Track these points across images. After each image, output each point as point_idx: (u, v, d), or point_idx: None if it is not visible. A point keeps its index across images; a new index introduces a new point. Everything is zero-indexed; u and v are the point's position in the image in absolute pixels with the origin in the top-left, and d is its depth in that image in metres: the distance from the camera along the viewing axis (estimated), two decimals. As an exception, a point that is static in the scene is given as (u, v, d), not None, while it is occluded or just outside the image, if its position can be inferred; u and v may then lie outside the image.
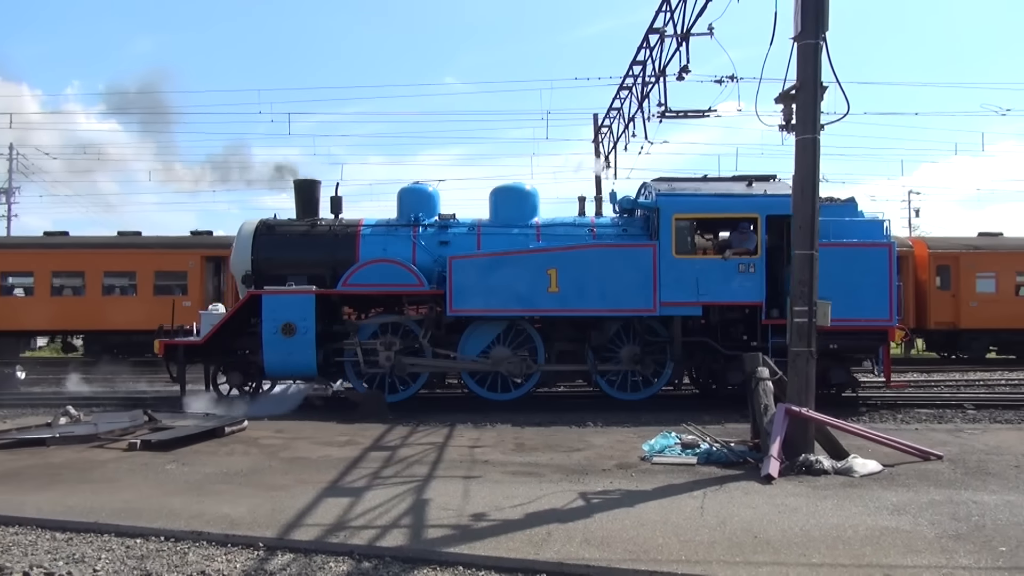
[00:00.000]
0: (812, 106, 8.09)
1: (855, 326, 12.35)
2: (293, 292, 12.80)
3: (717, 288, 12.56)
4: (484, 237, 13.37)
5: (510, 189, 14.06)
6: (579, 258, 12.61)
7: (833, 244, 12.20)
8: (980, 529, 5.58)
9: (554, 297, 12.55)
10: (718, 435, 9.23)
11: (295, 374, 13.17)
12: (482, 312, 12.78)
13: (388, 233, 13.51)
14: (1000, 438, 9.53)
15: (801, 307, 8.09)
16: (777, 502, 6.38)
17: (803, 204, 8.16)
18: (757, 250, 12.62)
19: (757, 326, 12.73)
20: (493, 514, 6.08)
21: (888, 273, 12.44)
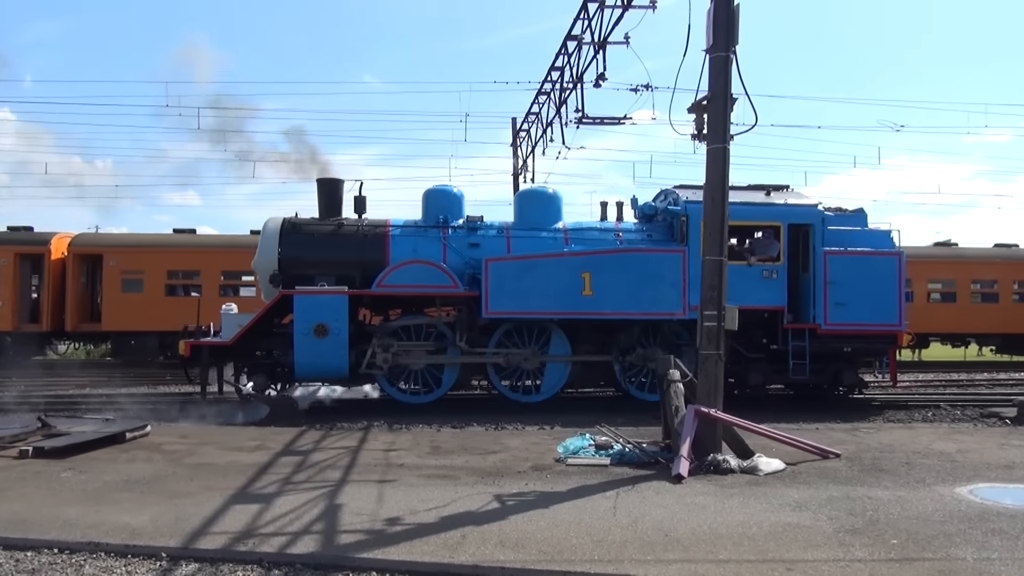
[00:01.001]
0: (722, 117, 8.36)
1: (867, 330, 13.13)
2: (326, 292, 12.61)
3: (742, 293, 12.67)
4: (513, 240, 13.48)
5: (536, 193, 14.39)
6: (612, 262, 12.90)
7: (848, 252, 13.08)
8: (874, 523, 5.87)
9: (588, 300, 12.78)
10: (631, 436, 9.40)
11: (326, 376, 12.96)
12: (517, 314, 12.89)
13: (417, 234, 13.49)
14: (893, 436, 10.07)
15: (711, 311, 8.33)
16: (687, 501, 6.55)
17: (713, 211, 8.42)
18: (779, 257, 13.18)
19: (778, 330, 13.22)
20: (408, 518, 6.02)
21: (898, 280, 13.16)
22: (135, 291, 21.79)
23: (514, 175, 28.15)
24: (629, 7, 12.27)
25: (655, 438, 9.12)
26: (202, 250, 22.65)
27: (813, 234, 13.26)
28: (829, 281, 13.02)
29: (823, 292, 13.02)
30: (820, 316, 13.05)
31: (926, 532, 5.62)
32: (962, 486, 7.08)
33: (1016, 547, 5.26)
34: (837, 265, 13.02)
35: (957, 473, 7.68)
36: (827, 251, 13.14)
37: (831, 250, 13.14)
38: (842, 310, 12.99)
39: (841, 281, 12.96)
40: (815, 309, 13.12)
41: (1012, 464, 8.16)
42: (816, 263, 13.13)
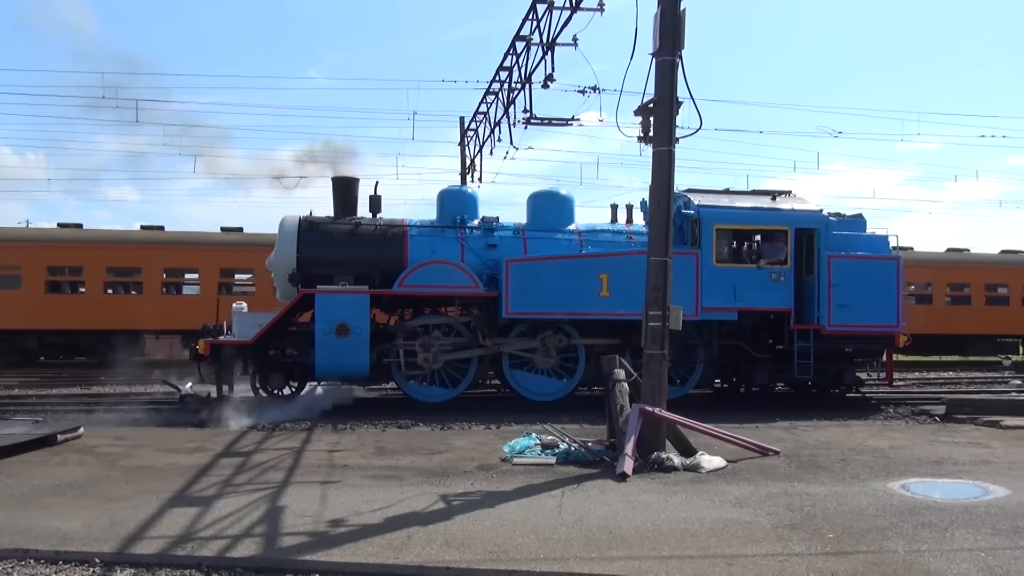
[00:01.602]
0: (668, 120, 8.48)
1: (868, 331, 13.69)
2: (348, 292, 12.61)
3: (752, 295, 13.47)
4: (530, 241, 13.68)
5: (550, 195, 14.57)
6: (629, 264, 12.99)
7: (851, 256, 13.71)
8: (811, 518, 6.03)
9: (605, 301, 13.04)
10: (576, 435, 9.47)
11: (346, 375, 12.96)
12: (537, 314, 13.09)
13: (435, 234, 13.63)
14: (829, 434, 10.36)
15: (655, 312, 8.44)
16: (631, 499, 6.63)
17: (658, 213, 8.53)
18: (787, 260, 13.66)
19: (784, 331, 13.68)
20: (352, 519, 5.96)
21: (897, 284, 13.76)
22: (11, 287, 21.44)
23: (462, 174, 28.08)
24: (577, 9, 12.34)
25: (600, 437, 9.20)
26: (86, 246, 22.05)
27: (818, 238, 13.79)
28: (833, 284, 13.50)
29: (827, 294, 13.51)
30: (824, 317, 13.52)
31: (860, 526, 5.79)
32: (894, 481, 7.32)
33: (944, 539, 5.46)
34: (840, 268, 13.58)
35: (890, 469, 7.94)
36: (831, 255, 13.63)
37: (835, 254, 13.67)
38: (845, 312, 13.50)
39: (844, 284, 13.52)
40: (819, 311, 13.59)
41: (941, 460, 8.47)
42: (821, 266, 13.64)
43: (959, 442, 9.68)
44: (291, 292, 13.16)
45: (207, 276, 22.75)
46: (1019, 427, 10.82)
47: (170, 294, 22.94)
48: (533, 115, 15.20)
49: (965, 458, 8.55)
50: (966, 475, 7.64)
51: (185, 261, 23.02)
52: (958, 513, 6.13)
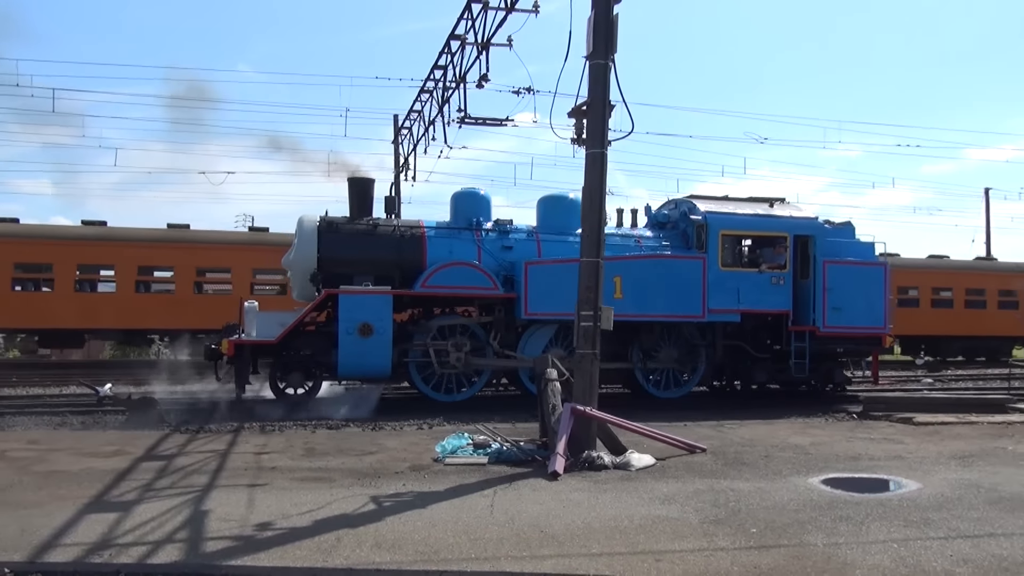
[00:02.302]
0: (601, 122, 8.59)
1: (858, 332, 14.64)
2: (371, 292, 12.74)
3: (753, 297, 14.24)
4: (543, 244, 14.07)
5: (560, 199, 14.89)
6: (641, 267, 13.72)
7: (844, 261, 14.62)
8: (736, 514, 6.19)
9: (619, 303, 13.08)
10: (509, 435, 9.50)
11: (368, 375, 13.06)
12: (554, 315, 13.29)
13: (452, 236, 13.89)
14: (754, 432, 10.66)
15: (587, 312, 8.53)
16: (562, 497, 6.68)
17: (590, 213, 8.63)
18: (786, 265, 14.46)
19: (783, 332, 14.48)
20: (280, 523, 5.83)
21: (884, 288, 14.79)
22: None
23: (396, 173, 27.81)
24: (512, 10, 12.39)
25: (532, 436, 9.25)
26: None
27: (813, 244, 14.62)
28: (827, 287, 14.36)
29: (822, 297, 14.34)
30: (819, 319, 14.32)
31: (782, 520, 5.98)
32: (814, 476, 7.58)
33: (860, 532, 5.68)
34: (834, 273, 14.50)
35: (810, 464, 8.22)
36: (826, 260, 14.49)
37: (829, 259, 14.54)
38: (838, 314, 14.37)
39: (837, 287, 14.41)
40: (815, 313, 14.37)
41: (858, 456, 8.81)
42: (816, 271, 14.46)
43: (874, 438, 10.10)
44: (309, 292, 13.26)
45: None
46: (930, 423, 11.35)
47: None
48: (467, 115, 15.19)
49: (880, 454, 8.91)
50: (881, 470, 7.97)
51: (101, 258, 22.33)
52: (873, 507, 6.39)
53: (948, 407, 12.73)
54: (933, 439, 10.02)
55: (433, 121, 17.89)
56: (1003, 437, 10.18)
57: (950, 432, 10.65)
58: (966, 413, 12.24)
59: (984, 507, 6.38)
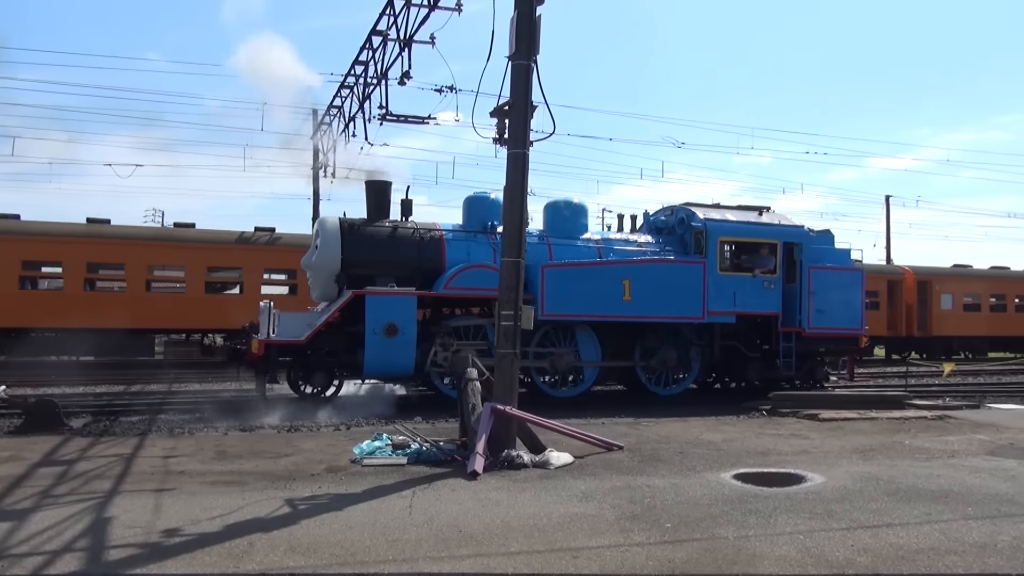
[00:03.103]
0: (523, 123, 8.63)
1: (839, 333, 15.85)
2: (397, 293, 13.08)
3: (747, 300, 15.23)
4: (554, 248, 14.67)
5: (567, 204, 15.70)
6: (647, 271, 14.55)
7: (827, 267, 15.77)
8: (651, 510, 6.32)
9: (627, 304, 14.25)
10: (428, 435, 9.43)
11: (393, 374, 13.38)
12: (570, 316, 14.10)
13: (469, 239, 14.37)
14: (668, 429, 10.91)
15: (507, 311, 8.55)
16: (481, 497, 6.68)
17: (511, 213, 8.66)
18: (776, 270, 15.55)
19: (772, 332, 15.53)
20: (189, 528, 5.63)
21: (861, 292, 16.03)
22: None
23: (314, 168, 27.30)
24: (435, 7, 12.30)
25: (453, 436, 9.22)
26: None
27: (800, 251, 15.77)
28: (812, 291, 15.50)
29: (808, 301, 15.45)
30: (805, 321, 15.44)
31: (695, 515, 6.13)
32: (726, 472, 7.81)
33: (768, 524, 5.88)
34: (818, 278, 15.69)
35: (722, 460, 8.47)
36: (811, 266, 15.63)
37: (814, 265, 15.69)
38: (821, 316, 15.52)
39: (820, 291, 15.59)
40: (801, 315, 15.46)
41: (767, 451, 9.13)
42: (802, 276, 15.59)
43: (783, 434, 10.48)
44: (330, 292, 13.55)
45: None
46: (834, 419, 11.86)
47: None
48: (389, 112, 15.00)
49: (788, 449, 9.26)
50: (788, 464, 8.27)
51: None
52: (781, 500, 6.63)
53: (851, 404, 13.33)
54: (837, 434, 10.47)
55: (354, 117, 17.59)
56: (900, 432, 10.73)
57: (852, 427, 11.16)
58: (867, 409, 12.84)
59: (883, 498, 6.70)
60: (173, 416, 11.98)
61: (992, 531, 5.72)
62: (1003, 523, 5.94)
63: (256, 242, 22.89)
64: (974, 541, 5.46)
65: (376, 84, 15.23)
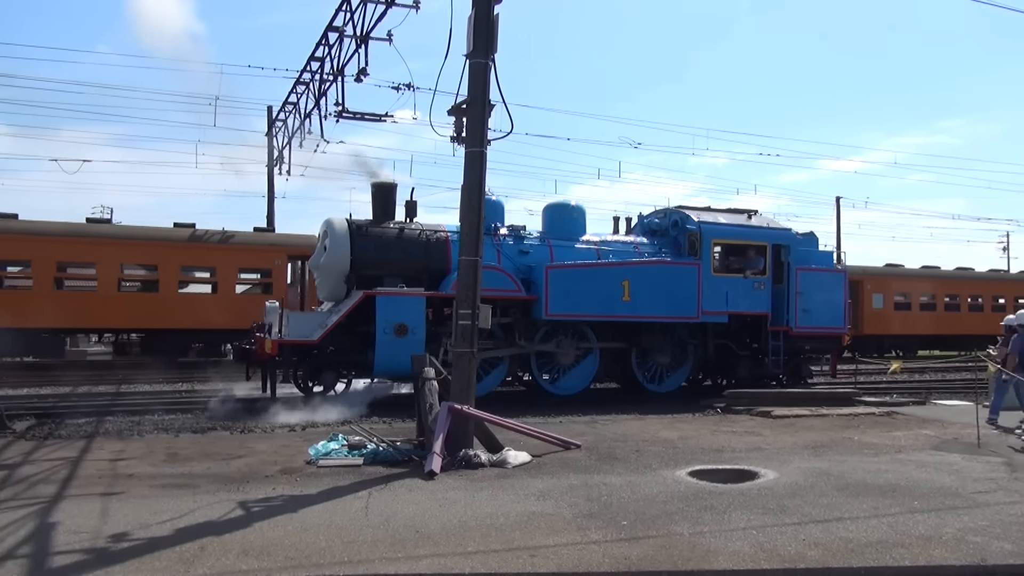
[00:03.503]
0: (480, 121, 8.61)
1: (823, 332, 16.50)
2: (406, 294, 13.25)
3: (739, 300, 15.80)
4: (555, 249, 15.01)
5: (566, 206, 16.20)
6: (645, 272, 14.97)
7: (813, 269, 16.48)
8: (608, 508, 6.36)
9: (626, 305, 14.63)
10: (385, 435, 9.36)
11: (402, 373, 13.13)
12: (573, 316, 14.44)
13: None
14: (625, 427, 10.99)
15: (465, 310, 8.52)
16: (438, 496, 6.65)
17: (469, 212, 8.63)
18: (765, 271, 16.14)
19: (761, 331, 16.07)
20: (137, 533, 5.50)
21: (844, 292, 16.80)
22: None
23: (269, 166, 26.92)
24: (392, 4, 12.22)
25: (410, 436, 9.17)
26: None
27: (788, 253, 16.39)
28: (799, 292, 16.11)
29: (795, 301, 16.05)
30: (792, 320, 16.04)
31: (651, 512, 6.19)
32: (682, 469, 7.90)
33: (723, 521, 5.97)
34: (804, 279, 16.33)
35: (678, 458, 8.57)
36: (798, 268, 16.26)
37: (800, 266, 16.33)
38: (807, 316, 16.14)
39: (806, 292, 16.23)
40: (788, 314, 16.04)
41: (721, 448, 9.26)
42: (790, 277, 16.19)
43: (736, 431, 10.64)
44: (338, 293, 13.70)
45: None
46: (786, 416, 12.09)
47: None
48: (345, 109, 14.87)
49: (741, 446, 9.40)
50: (742, 461, 8.40)
51: None
52: (734, 496, 6.73)
53: (803, 401, 13.59)
54: (789, 431, 10.67)
55: (309, 114, 17.39)
56: (850, 428, 10.98)
57: (804, 424, 11.38)
58: (818, 406, 13.11)
59: (833, 493, 6.85)
60: (122, 418, 11.70)
61: (937, 523, 5.88)
62: (947, 516, 6.11)
63: (176, 239, 21.96)
64: (920, 534, 5.61)
65: (332, 81, 15.08)
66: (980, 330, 29.54)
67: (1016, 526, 5.83)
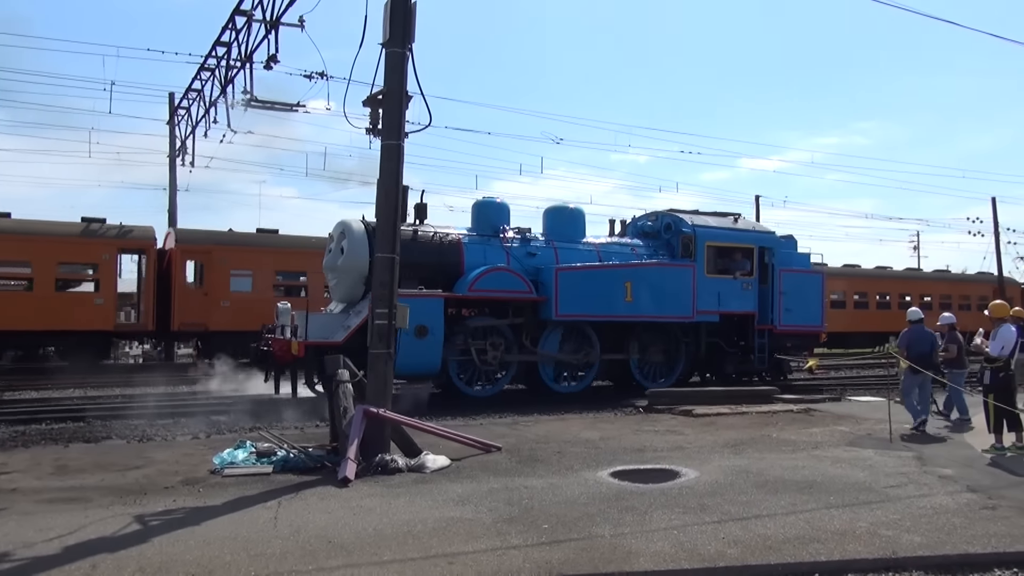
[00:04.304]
0: (397, 113, 8.52)
1: (804, 330, 17.92)
2: (426, 296, 13.72)
3: (730, 300, 16.98)
4: (560, 252, 15.74)
5: (566, 210, 16.99)
6: (646, 274, 15.93)
7: (795, 270, 17.83)
8: (529, 511, 6.38)
9: (628, 305, 15.53)
10: (297, 441, 9.16)
11: (421, 373, 13.82)
12: (580, 317, 15.26)
13: (484, 243, 15.24)
14: (547, 428, 11.08)
15: (382, 309, 8.41)
16: (352, 504, 6.55)
17: (386, 207, 8.53)
18: (752, 272, 17.34)
19: (749, 330, 17.26)
20: (20, 552, 5.21)
21: (822, 292, 18.46)
22: None
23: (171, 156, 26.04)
24: (304, -12, 11.99)
25: (323, 441, 9.00)
26: None
27: (772, 255, 17.71)
28: (782, 292, 17.36)
29: (779, 301, 17.29)
30: (776, 319, 17.34)
31: (572, 515, 6.25)
32: (603, 470, 8.01)
33: (644, 521, 6.07)
34: (787, 280, 17.65)
35: (600, 458, 8.68)
36: (781, 269, 17.59)
37: (784, 268, 17.69)
38: (790, 315, 17.45)
39: (789, 292, 17.51)
40: (773, 314, 17.31)
41: (643, 448, 9.43)
42: (774, 278, 17.49)
43: (659, 430, 10.86)
44: (355, 294, 14.07)
45: None
46: (707, 414, 12.41)
47: None
48: (254, 97, 14.52)
49: (663, 445, 9.60)
50: (664, 460, 8.58)
51: None
52: (656, 496, 6.86)
53: (723, 399, 13.99)
54: (710, 429, 10.96)
55: (215, 102, 16.92)
56: (769, 425, 11.36)
57: (724, 422, 11.72)
58: (739, 404, 13.52)
59: (752, 491, 7.07)
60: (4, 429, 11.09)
61: (851, 518, 6.14)
62: (861, 510, 6.39)
63: (49, 234, 20.80)
64: (835, 529, 5.84)
65: (240, 67, 14.70)
66: (890, 327, 31.16)
67: (925, 519, 6.14)
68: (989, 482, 7.58)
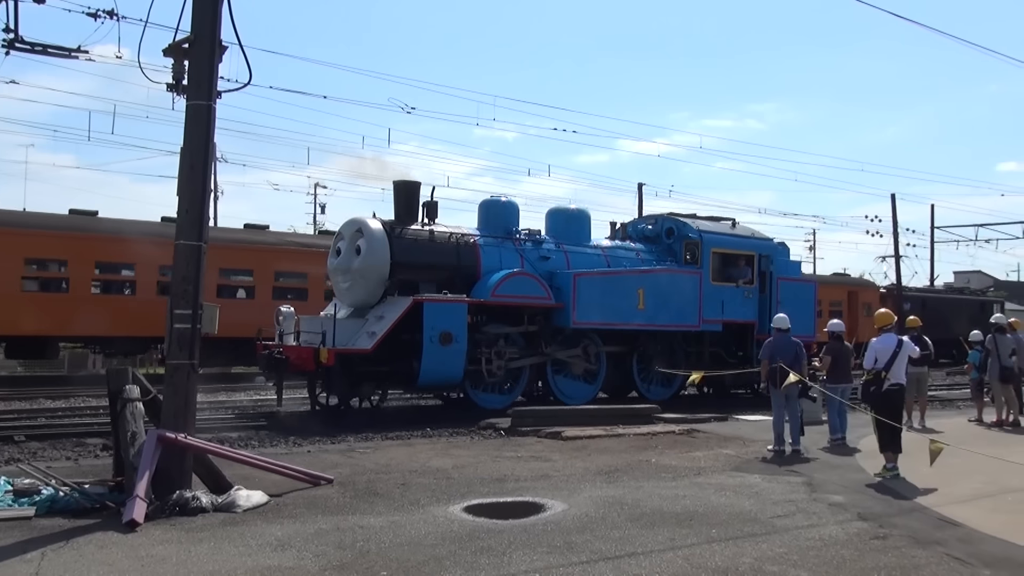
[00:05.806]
0: (208, 67, 8.24)
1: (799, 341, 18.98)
2: (451, 301, 14.94)
3: (733, 309, 18.86)
4: (570, 256, 17.39)
5: (571, 211, 18.67)
6: (657, 280, 17.65)
7: (792, 279, 20.08)
8: (365, 555, 6.33)
9: (641, 313, 17.24)
10: (69, 475, 8.66)
11: (445, 382, 15.21)
12: (596, 324, 16.98)
13: (498, 245, 16.76)
14: (390, 455, 11.03)
15: (184, 310, 8.06)
16: (141, 554, 6.29)
17: (191, 182, 8.22)
18: (752, 280, 19.38)
19: (748, 339, 19.20)
20: None
21: (814, 301, 20.81)
22: None
23: None
24: (89, -97, 11.38)
25: (104, 476, 8.57)
26: None
27: (770, 263, 19.69)
28: (780, 301, 19.05)
29: (776, 310, 17.69)
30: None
31: (417, 558, 6.24)
32: (456, 504, 8.06)
33: (502, 564, 6.15)
34: (785, 288, 19.64)
35: (452, 491, 8.73)
36: (780, 277, 19.59)
37: (782, 276, 19.69)
38: None
39: (786, 301, 18.91)
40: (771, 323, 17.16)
41: (504, 477, 9.57)
42: (772, 286, 19.44)
43: (522, 456, 11.05)
44: (372, 298, 15.22)
45: None
46: (579, 437, 12.72)
47: None
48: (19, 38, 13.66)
49: (527, 473, 9.77)
50: (527, 491, 8.73)
51: None
52: (517, 534, 6.97)
53: (598, 419, 14.39)
54: (581, 455, 11.26)
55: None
56: (648, 449, 11.80)
57: (598, 446, 12.06)
58: (615, 425, 13.95)
59: (626, 525, 7.31)
60: None
61: (735, 553, 6.46)
62: (745, 544, 6.74)
63: None
64: (716, 566, 6.13)
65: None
66: None
67: (813, 551, 6.56)
68: (880, 509, 8.20)
